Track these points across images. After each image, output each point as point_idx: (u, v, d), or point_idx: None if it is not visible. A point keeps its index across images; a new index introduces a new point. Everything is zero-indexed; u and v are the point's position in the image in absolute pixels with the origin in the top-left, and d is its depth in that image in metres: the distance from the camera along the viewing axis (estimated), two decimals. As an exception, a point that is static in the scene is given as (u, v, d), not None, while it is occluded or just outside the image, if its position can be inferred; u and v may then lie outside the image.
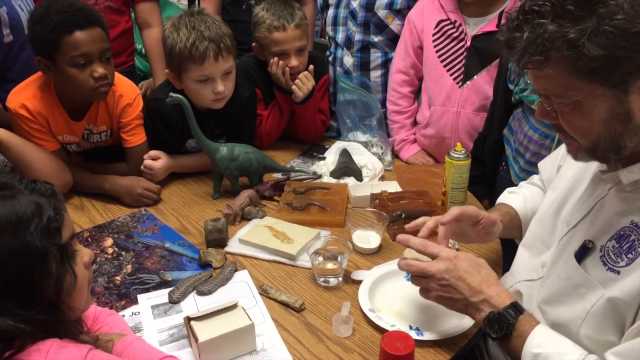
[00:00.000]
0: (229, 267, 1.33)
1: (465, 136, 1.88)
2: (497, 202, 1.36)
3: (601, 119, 0.84)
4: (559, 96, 0.86)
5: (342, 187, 1.70)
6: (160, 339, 1.13)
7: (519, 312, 0.96)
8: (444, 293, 1.02)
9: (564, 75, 0.83)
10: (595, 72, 0.80)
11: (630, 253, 0.87)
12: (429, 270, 1.02)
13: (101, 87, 1.54)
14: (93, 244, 1.45)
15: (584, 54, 0.79)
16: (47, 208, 0.83)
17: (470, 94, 1.86)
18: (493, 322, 0.96)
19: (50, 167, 1.58)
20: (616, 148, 0.87)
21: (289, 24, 1.87)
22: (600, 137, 0.86)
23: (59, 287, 0.83)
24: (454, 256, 1.03)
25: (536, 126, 1.53)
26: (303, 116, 1.98)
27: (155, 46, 2.29)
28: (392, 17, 2.05)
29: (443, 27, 1.88)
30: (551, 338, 0.93)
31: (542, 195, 1.30)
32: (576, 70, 0.81)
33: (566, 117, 0.88)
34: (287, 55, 1.91)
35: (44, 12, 1.48)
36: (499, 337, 0.95)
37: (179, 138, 1.81)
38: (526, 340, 0.93)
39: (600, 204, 0.96)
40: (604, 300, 0.87)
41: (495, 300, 0.99)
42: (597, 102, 0.83)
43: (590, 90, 0.82)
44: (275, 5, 1.90)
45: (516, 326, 0.95)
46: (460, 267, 1.01)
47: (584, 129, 0.87)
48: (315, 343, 1.12)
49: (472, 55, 1.83)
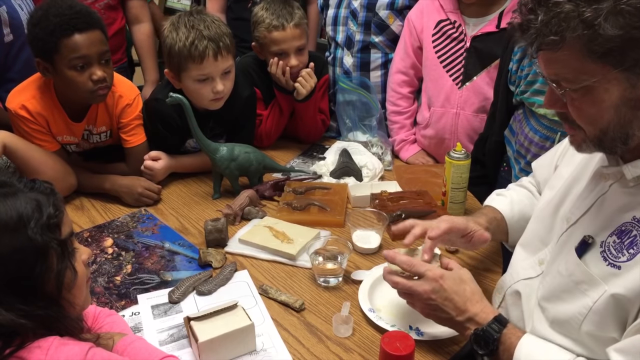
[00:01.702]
0: (228, 267, 1.33)
1: (465, 137, 1.88)
2: (485, 204, 1.36)
3: (612, 104, 0.83)
4: (570, 81, 0.85)
5: (342, 187, 1.70)
6: (160, 339, 1.13)
7: (503, 326, 0.98)
8: (430, 311, 1.05)
9: (578, 58, 0.82)
10: (609, 54, 0.79)
11: (631, 248, 0.87)
12: (415, 290, 1.05)
13: (100, 89, 1.54)
14: (93, 244, 1.45)
15: (599, 34, 0.78)
16: (46, 205, 0.85)
17: (470, 95, 1.85)
18: (479, 339, 0.98)
19: (55, 170, 1.58)
20: (624, 137, 0.86)
21: (288, 23, 1.87)
22: (610, 125, 0.85)
23: (60, 282, 0.85)
24: (440, 276, 1.04)
25: (537, 128, 1.53)
26: (304, 114, 1.98)
27: (145, 41, 2.32)
28: (394, 17, 2.05)
29: (443, 28, 1.87)
30: (538, 347, 0.94)
31: (530, 198, 1.30)
32: (590, 51, 0.80)
33: (576, 103, 0.87)
34: (286, 54, 1.91)
35: (44, 15, 1.47)
36: (486, 353, 0.97)
37: (179, 138, 1.81)
38: (514, 353, 0.94)
39: (601, 200, 0.96)
40: (607, 296, 0.87)
41: (479, 317, 1.00)
42: (609, 87, 0.82)
43: (603, 73, 0.81)
44: (275, 5, 1.90)
45: (502, 340, 0.96)
46: (447, 288, 1.03)
47: (593, 115, 0.86)
48: (315, 343, 1.12)
49: (472, 56, 1.83)
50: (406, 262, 1.07)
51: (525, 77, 1.55)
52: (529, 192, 1.32)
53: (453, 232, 1.18)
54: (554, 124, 1.48)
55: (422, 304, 1.05)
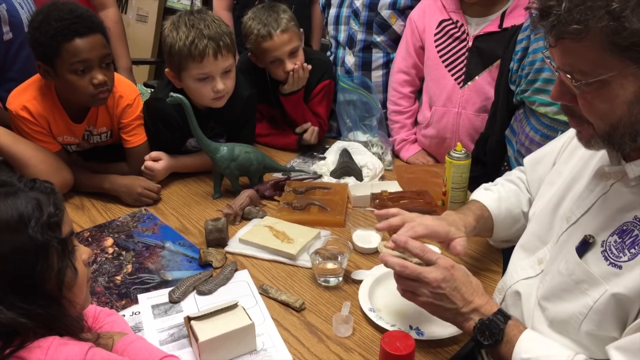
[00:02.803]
0: (229, 267, 1.33)
1: (466, 137, 1.88)
2: (472, 198, 1.34)
3: (626, 100, 0.82)
4: (585, 74, 0.82)
5: (342, 186, 1.70)
6: (160, 339, 1.13)
7: (507, 318, 0.97)
8: (435, 301, 1.02)
9: (597, 50, 0.80)
10: (632, 48, 0.78)
11: (633, 248, 0.86)
12: (425, 277, 1.01)
13: (100, 93, 1.54)
14: (93, 244, 1.45)
15: (625, 27, 0.76)
16: (46, 204, 0.85)
17: (472, 94, 1.85)
18: (484, 329, 0.97)
19: (46, 164, 1.57)
20: (634, 134, 0.84)
21: (275, 31, 1.85)
22: (620, 121, 0.84)
23: (60, 280, 0.85)
24: (451, 266, 1.02)
25: (537, 127, 1.53)
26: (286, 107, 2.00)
27: (113, 27, 2.25)
28: (396, 17, 2.05)
29: (445, 27, 1.87)
30: (539, 342, 0.94)
31: (517, 195, 1.29)
32: (613, 44, 0.78)
33: (588, 97, 0.85)
34: (280, 61, 1.90)
35: (44, 18, 1.47)
36: (490, 343, 0.96)
37: (180, 137, 1.81)
38: (515, 346, 0.93)
39: (602, 199, 0.95)
40: (608, 296, 0.87)
41: (484, 308, 1.00)
42: (625, 82, 0.80)
43: (621, 68, 0.80)
44: (260, 12, 1.88)
45: (505, 331, 0.96)
46: (457, 278, 1.01)
47: (604, 111, 0.84)
48: (315, 343, 1.12)
49: (474, 55, 1.83)
50: (419, 248, 1.04)
51: (526, 76, 1.55)
52: (517, 188, 1.31)
53: (431, 238, 1.17)
54: (554, 123, 1.48)
55: (429, 292, 1.01)
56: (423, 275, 1.01)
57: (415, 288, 1.03)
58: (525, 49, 1.57)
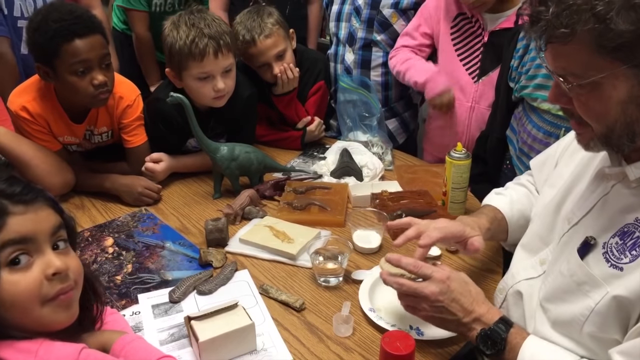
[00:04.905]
0: (229, 267, 1.33)
1: (477, 132, 1.88)
2: (484, 203, 1.35)
3: (619, 101, 0.82)
4: (578, 76, 0.83)
5: (343, 186, 1.70)
6: (160, 339, 1.13)
7: (509, 326, 0.97)
8: (435, 314, 1.02)
9: (587, 52, 0.81)
10: (619, 49, 0.78)
11: (634, 250, 0.86)
12: (422, 292, 1.01)
13: (101, 94, 1.54)
14: (93, 244, 1.45)
15: (610, 29, 0.77)
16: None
17: (485, 89, 1.86)
18: (486, 338, 0.97)
19: (47, 164, 1.57)
20: (631, 135, 0.85)
21: (259, 37, 1.85)
22: (616, 122, 0.84)
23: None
24: (447, 277, 1.02)
25: (539, 124, 1.53)
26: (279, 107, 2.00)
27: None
28: (397, 16, 2.05)
29: (460, 22, 1.89)
30: (542, 348, 0.94)
31: (529, 197, 1.30)
32: (600, 46, 0.79)
33: (582, 99, 0.85)
34: (267, 65, 1.90)
35: (43, 20, 1.46)
36: (493, 353, 0.96)
37: (180, 137, 1.81)
38: (519, 353, 0.94)
39: (603, 200, 0.95)
40: (609, 298, 0.86)
41: (486, 317, 1.00)
42: (616, 83, 0.81)
43: (612, 69, 0.80)
44: (245, 17, 1.89)
45: (508, 340, 0.96)
46: (454, 289, 1.01)
47: (599, 112, 0.85)
48: (315, 343, 1.12)
49: (489, 50, 1.84)
50: (412, 264, 1.05)
51: (526, 72, 1.55)
52: (528, 190, 1.32)
53: (447, 239, 1.17)
54: (558, 119, 1.47)
55: (428, 306, 1.02)
56: (419, 291, 1.02)
57: (415, 303, 1.04)
58: (527, 46, 1.57)
